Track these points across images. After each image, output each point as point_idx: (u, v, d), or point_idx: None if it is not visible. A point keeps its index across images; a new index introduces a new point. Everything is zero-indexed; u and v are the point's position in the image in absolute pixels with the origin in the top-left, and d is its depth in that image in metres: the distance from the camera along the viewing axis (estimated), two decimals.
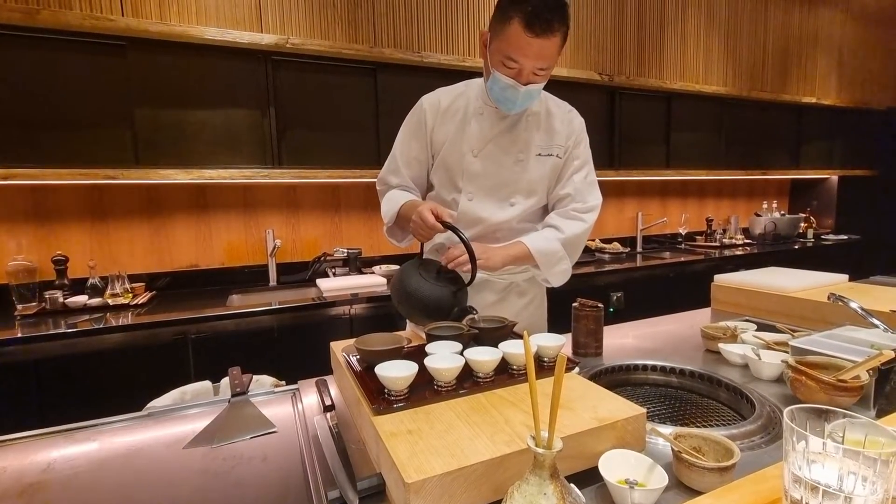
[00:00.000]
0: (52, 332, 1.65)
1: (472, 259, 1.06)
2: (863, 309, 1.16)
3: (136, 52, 1.98)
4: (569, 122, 1.30)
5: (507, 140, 1.26)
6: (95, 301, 1.94)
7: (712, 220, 3.81)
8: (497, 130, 1.25)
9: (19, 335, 1.61)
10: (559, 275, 1.28)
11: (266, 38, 2.14)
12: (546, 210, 1.35)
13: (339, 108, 2.36)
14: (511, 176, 1.27)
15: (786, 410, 0.51)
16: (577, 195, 1.29)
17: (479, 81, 1.27)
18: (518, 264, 1.27)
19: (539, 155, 1.27)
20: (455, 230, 1.07)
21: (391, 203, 1.27)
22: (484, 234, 1.29)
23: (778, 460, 0.56)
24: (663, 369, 1.10)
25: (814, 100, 4.10)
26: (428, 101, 1.28)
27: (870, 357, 0.85)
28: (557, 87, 2.92)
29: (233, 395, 1.02)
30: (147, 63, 2.01)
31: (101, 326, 1.71)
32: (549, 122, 1.28)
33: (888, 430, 0.48)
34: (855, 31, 4.36)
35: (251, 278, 2.45)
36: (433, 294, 1.08)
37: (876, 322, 1.12)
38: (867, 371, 0.85)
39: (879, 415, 0.84)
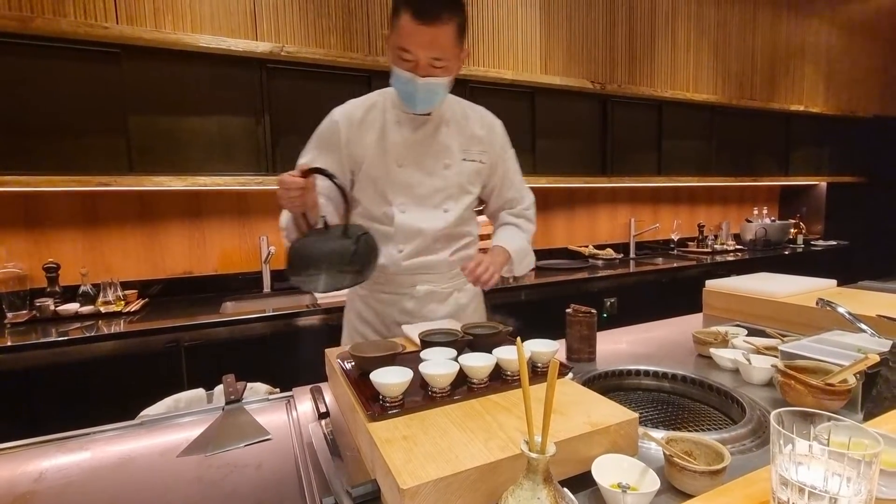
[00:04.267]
0: (42, 340, 1.63)
1: (346, 200, 1.08)
2: (850, 314, 1.19)
3: (130, 60, 1.98)
4: (490, 128, 1.34)
5: (430, 147, 1.26)
6: (87, 309, 1.93)
7: (703, 227, 3.85)
8: (417, 138, 1.25)
9: (9, 343, 1.60)
10: (527, 268, 1.40)
11: (261, 46, 2.15)
12: (474, 214, 1.39)
13: None
14: (440, 182, 1.27)
15: (773, 414, 0.52)
16: (519, 195, 1.43)
17: (392, 90, 1.24)
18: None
19: (464, 160, 1.29)
20: (321, 171, 1.04)
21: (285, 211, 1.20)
22: (425, 246, 1.28)
23: (767, 463, 0.57)
24: (656, 374, 1.11)
25: (802, 108, 4.17)
26: (340, 113, 1.24)
27: (857, 361, 0.87)
28: (550, 95, 2.98)
29: (227, 403, 1.02)
30: (141, 70, 2.01)
31: (93, 334, 1.70)
32: (468, 126, 1.31)
33: (871, 432, 0.49)
34: (840, 41, 4.45)
35: (245, 285, 2.44)
36: (324, 245, 1.09)
37: (863, 327, 1.14)
38: (854, 375, 0.86)
39: (867, 417, 0.85)
